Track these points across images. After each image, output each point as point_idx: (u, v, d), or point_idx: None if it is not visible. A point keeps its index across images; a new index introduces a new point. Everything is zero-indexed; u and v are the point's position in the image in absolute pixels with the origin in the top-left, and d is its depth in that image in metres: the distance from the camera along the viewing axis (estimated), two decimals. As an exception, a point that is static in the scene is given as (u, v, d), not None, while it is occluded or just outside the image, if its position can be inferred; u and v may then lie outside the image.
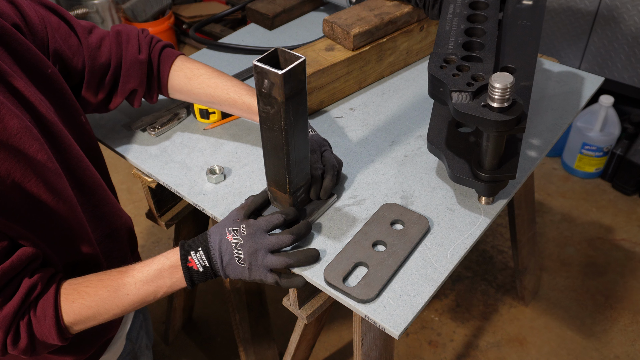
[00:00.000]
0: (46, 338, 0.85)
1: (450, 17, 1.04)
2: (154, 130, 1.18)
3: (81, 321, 0.87)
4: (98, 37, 1.02)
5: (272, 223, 0.89)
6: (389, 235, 0.94)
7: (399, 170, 1.09)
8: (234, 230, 0.87)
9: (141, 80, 1.07)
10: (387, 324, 0.83)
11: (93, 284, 0.87)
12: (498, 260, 2.15)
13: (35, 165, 0.82)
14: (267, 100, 0.82)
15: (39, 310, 0.84)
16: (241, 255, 0.86)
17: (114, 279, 0.87)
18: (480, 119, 0.83)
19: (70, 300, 0.85)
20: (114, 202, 1.03)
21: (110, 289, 0.86)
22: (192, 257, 0.87)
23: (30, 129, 0.81)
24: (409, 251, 0.92)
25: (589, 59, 2.28)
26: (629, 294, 2.01)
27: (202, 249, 0.87)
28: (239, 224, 0.88)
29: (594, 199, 2.37)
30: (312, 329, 1.27)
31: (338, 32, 1.25)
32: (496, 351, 1.87)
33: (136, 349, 1.20)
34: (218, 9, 3.35)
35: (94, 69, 1.01)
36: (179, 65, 1.09)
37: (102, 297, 0.86)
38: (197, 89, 1.08)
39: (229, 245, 0.86)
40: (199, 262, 0.86)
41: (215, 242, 0.87)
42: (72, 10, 2.96)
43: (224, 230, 0.87)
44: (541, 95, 1.27)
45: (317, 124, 1.22)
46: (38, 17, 0.92)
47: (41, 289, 0.84)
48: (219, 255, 0.86)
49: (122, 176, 2.57)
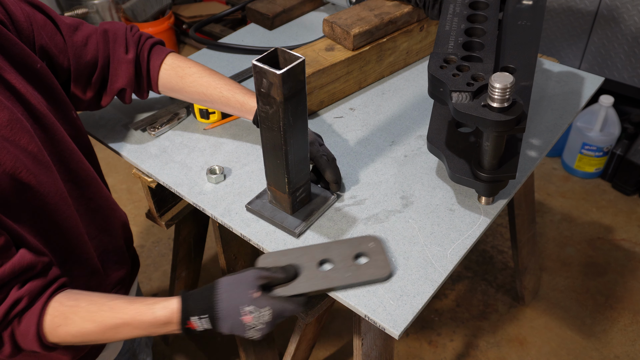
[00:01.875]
0: (31, 348, 0.83)
1: (450, 17, 1.04)
2: (154, 130, 1.18)
3: (65, 344, 0.84)
4: (84, 35, 1.02)
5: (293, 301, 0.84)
6: (342, 262, 0.89)
7: (399, 170, 1.09)
8: (254, 312, 0.79)
9: (129, 79, 1.06)
10: (387, 324, 0.83)
11: (82, 314, 0.82)
12: (498, 260, 2.15)
13: (26, 156, 0.82)
14: (266, 100, 0.82)
15: (23, 325, 0.81)
16: (259, 332, 0.81)
17: (104, 315, 0.82)
18: (480, 119, 0.83)
19: (55, 324, 0.81)
20: (108, 195, 1.03)
21: (98, 325, 0.81)
22: (193, 322, 0.80)
23: (21, 121, 0.82)
24: (345, 284, 0.86)
25: (589, 59, 2.28)
26: (629, 294, 2.01)
27: (208, 317, 0.79)
28: (262, 304, 0.80)
29: (594, 199, 2.37)
30: (312, 329, 1.27)
31: (338, 32, 1.25)
32: (496, 351, 1.87)
33: (135, 346, 1.20)
34: (218, 9, 3.35)
35: (80, 67, 1.01)
36: (169, 63, 1.08)
37: (88, 331, 0.81)
38: (189, 87, 1.07)
39: (246, 327, 0.80)
40: (200, 326, 0.80)
41: (226, 321, 0.79)
42: (72, 10, 2.96)
43: (239, 308, 0.79)
44: (541, 95, 1.27)
45: (317, 124, 1.21)
46: (23, 15, 0.92)
47: (27, 303, 0.80)
48: (228, 329, 0.80)
49: (122, 176, 2.57)
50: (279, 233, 0.97)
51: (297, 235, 0.95)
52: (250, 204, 1.01)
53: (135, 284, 1.21)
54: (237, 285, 0.81)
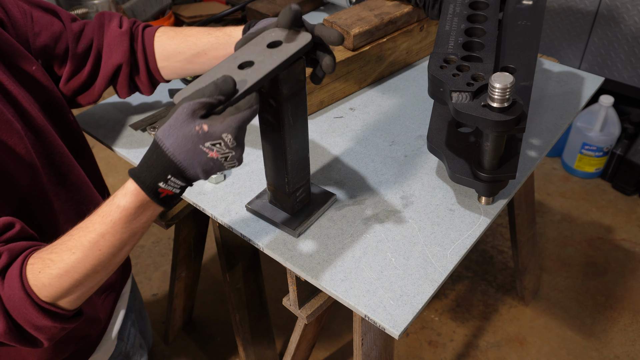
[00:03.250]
0: (26, 315, 0.74)
1: (450, 17, 1.04)
2: (154, 130, 1.18)
3: (59, 292, 0.75)
4: (82, 23, 1.04)
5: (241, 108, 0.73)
6: (261, 55, 0.78)
7: (399, 170, 1.09)
8: (215, 145, 0.70)
9: (124, 52, 1.03)
10: (387, 324, 0.83)
11: (56, 250, 0.74)
12: (498, 260, 2.15)
13: (12, 157, 0.82)
14: (266, 99, 0.82)
15: (7, 285, 0.74)
16: (234, 162, 0.73)
17: (77, 240, 0.74)
18: (480, 119, 0.83)
19: (36, 271, 0.74)
20: (99, 200, 1.00)
21: (77, 250, 0.74)
22: (164, 188, 0.71)
23: (10, 122, 0.82)
24: (279, 62, 0.76)
25: (589, 59, 2.28)
26: (629, 294, 2.01)
27: (172, 175, 0.71)
28: (216, 132, 0.69)
29: (594, 199, 2.37)
30: (312, 329, 1.27)
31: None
32: (496, 351, 1.87)
33: (128, 348, 1.18)
34: (218, 9, 3.34)
35: (77, 52, 1.01)
36: (162, 30, 1.07)
37: (71, 262, 0.74)
38: (181, 44, 1.03)
39: (218, 162, 0.72)
40: (174, 186, 0.72)
41: (191, 163, 0.71)
42: (72, 10, 2.95)
43: (199, 149, 0.70)
44: (541, 95, 1.27)
45: (317, 124, 1.22)
46: (20, 12, 0.92)
47: (7, 259, 0.74)
48: (203, 174, 0.72)
49: (122, 176, 2.57)
50: (279, 233, 0.97)
51: (297, 235, 0.95)
52: (250, 204, 1.01)
53: (128, 287, 1.20)
54: (177, 130, 0.70)
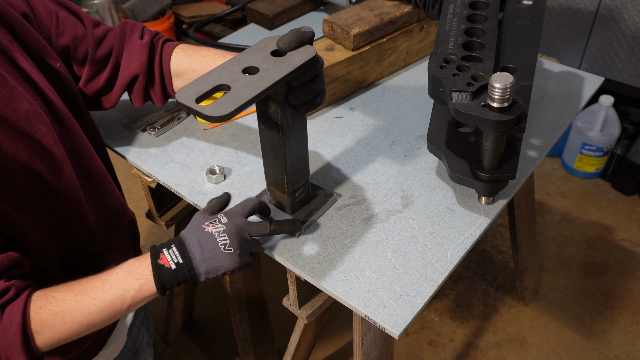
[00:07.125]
0: (10, 351, 0.77)
1: (450, 17, 1.04)
2: (154, 131, 1.18)
3: (46, 330, 0.78)
4: (105, 29, 1.04)
5: (247, 207, 0.86)
6: (265, 62, 0.80)
7: (399, 170, 1.09)
8: (211, 223, 0.83)
9: (142, 64, 1.04)
10: (387, 324, 0.83)
11: (63, 288, 0.80)
12: (498, 260, 2.15)
13: (41, 148, 0.83)
14: (265, 99, 0.82)
15: (6, 317, 0.76)
16: (227, 241, 0.81)
17: (83, 282, 0.81)
18: (480, 119, 0.83)
19: (38, 306, 0.78)
20: (118, 194, 1.04)
21: (77, 292, 0.79)
22: (165, 254, 0.81)
23: (39, 113, 0.83)
24: (286, 73, 0.78)
25: (589, 59, 2.28)
26: (629, 294, 2.01)
27: (175, 246, 0.81)
28: (214, 217, 0.84)
29: (594, 199, 2.37)
30: (312, 329, 1.27)
31: (338, 32, 1.25)
32: (496, 351, 1.87)
33: (137, 345, 1.20)
34: (218, 9, 3.35)
35: (96, 57, 1.02)
36: (180, 47, 1.08)
37: (68, 301, 0.78)
38: (196, 63, 1.06)
39: (211, 236, 0.81)
40: (171, 258, 0.80)
41: (192, 238, 0.82)
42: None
43: (199, 227, 0.83)
44: (541, 95, 1.27)
45: (317, 124, 1.22)
46: (46, 11, 0.94)
47: (14, 294, 0.78)
48: (199, 249, 0.81)
49: (122, 176, 2.57)
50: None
51: (297, 235, 0.95)
52: (250, 204, 1.01)
53: None
54: (190, 224, 0.85)
